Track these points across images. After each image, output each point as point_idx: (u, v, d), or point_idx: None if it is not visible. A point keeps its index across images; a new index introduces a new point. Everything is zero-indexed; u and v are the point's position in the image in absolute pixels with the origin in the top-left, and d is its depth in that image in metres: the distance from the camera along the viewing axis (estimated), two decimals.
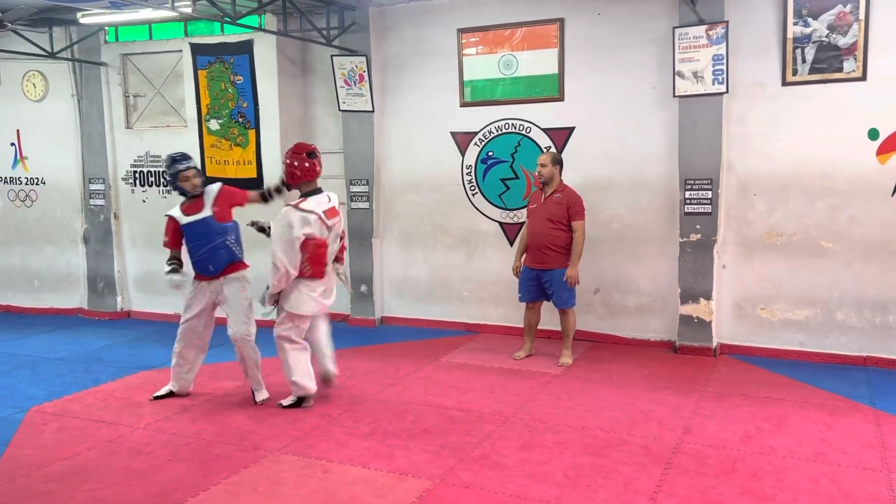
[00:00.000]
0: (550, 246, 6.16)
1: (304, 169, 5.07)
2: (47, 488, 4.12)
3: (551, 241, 6.16)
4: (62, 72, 8.63)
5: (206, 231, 5.30)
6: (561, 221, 6.15)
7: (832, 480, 4.01)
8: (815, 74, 6.07)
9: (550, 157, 6.26)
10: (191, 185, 5.29)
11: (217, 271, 5.35)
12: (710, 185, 6.42)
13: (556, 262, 6.17)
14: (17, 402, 5.65)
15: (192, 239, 5.33)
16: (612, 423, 4.91)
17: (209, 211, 5.32)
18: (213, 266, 5.34)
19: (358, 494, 3.96)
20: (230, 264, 5.38)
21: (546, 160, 6.21)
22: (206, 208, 5.32)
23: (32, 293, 9.22)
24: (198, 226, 5.30)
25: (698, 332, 6.54)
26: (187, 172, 5.28)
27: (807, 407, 5.17)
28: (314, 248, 5.06)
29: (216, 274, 5.36)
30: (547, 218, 6.16)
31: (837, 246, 6.19)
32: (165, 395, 5.61)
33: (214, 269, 5.34)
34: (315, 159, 5.12)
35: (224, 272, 5.37)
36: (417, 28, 7.50)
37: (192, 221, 5.31)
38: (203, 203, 5.34)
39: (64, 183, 8.89)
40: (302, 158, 5.05)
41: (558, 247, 6.17)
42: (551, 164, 6.20)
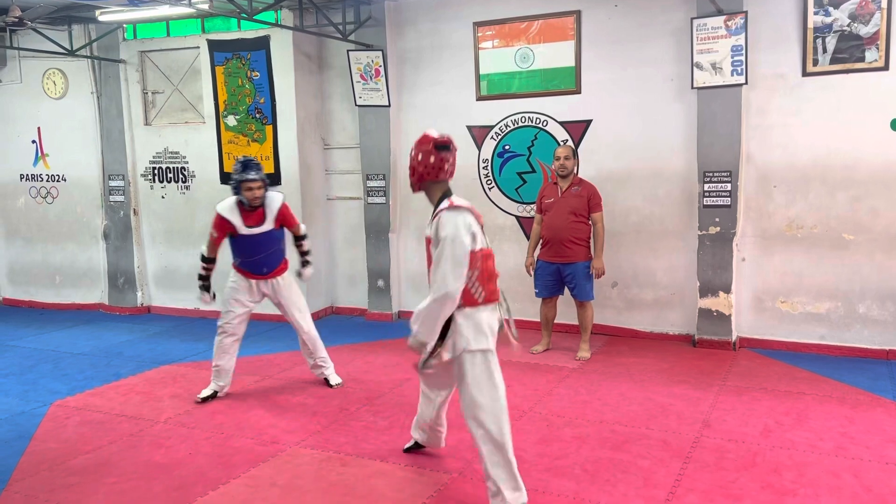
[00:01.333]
0: (573, 239, 6.14)
1: (429, 165, 3.71)
2: (71, 481, 4.18)
3: (574, 234, 6.14)
4: (81, 69, 8.71)
5: (268, 241, 5.41)
6: (583, 214, 6.15)
7: (854, 475, 3.97)
8: (837, 64, 5.99)
9: (571, 149, 6.26)
10: (251, 196, 5.23)
11: (270, 272, 5.49)
12: (729, 178, 6.36)
13: (578, 255, 6.16)
14: (40, 397, 5.73)
15: (251, 246, 5.39)
16: (630, 418, 4.89)
17: (271, 224, 5.39)
18: (267, 268, 5.47)
19: (377, 488, 3.98)
20: (281, 262, 5.56)
21: (568, 153, 6.20)
22: (269, 221, 5.38)
23: (54, 289, 9.34)
24: (260, 237, 5.37)
25: (717, 325, 6.49)
26: (252, 184, 5.20)
27: (828, 401, 5.12)
28: (483, 260, 3.70)
29: (268, 274, 5.48)
30: (570, 212, 6.14)
31: (859, 238, 6.12)
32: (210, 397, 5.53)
33: (268, 270, 5.48)
34: (447, 152, 3.73)
35: (277, 271, 5.52)
36: (433, 22, 7.49)
37: (254, 234, 5.34)
38: (264, 215, 5.37)
39: (84, 180, 8.98)
40: (428, 152, 3.71)
41: (581, 240, 6.16)
42: (573, 157, 6.22)
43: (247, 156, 5.60)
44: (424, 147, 3.72)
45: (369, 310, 8.08)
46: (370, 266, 8.00)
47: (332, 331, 7.66)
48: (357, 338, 7.29)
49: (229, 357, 5.54)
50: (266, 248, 5.42)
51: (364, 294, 8.15)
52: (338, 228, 8.40)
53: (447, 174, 3.76)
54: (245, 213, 5.33)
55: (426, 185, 3.77)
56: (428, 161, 3.71)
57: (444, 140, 3.74)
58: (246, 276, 5.48)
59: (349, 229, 8.29)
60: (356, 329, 7.71)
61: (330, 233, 8.41)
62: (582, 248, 6.18)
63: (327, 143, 8.29)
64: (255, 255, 5.41)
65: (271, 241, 5.42)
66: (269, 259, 5.47)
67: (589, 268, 6.20)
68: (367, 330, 7.59)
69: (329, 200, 8.36)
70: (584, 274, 6.18)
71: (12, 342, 7.59)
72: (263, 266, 5.46)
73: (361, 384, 5.78)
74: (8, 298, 9.68)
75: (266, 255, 5.43)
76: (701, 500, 3.73)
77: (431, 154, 3.71)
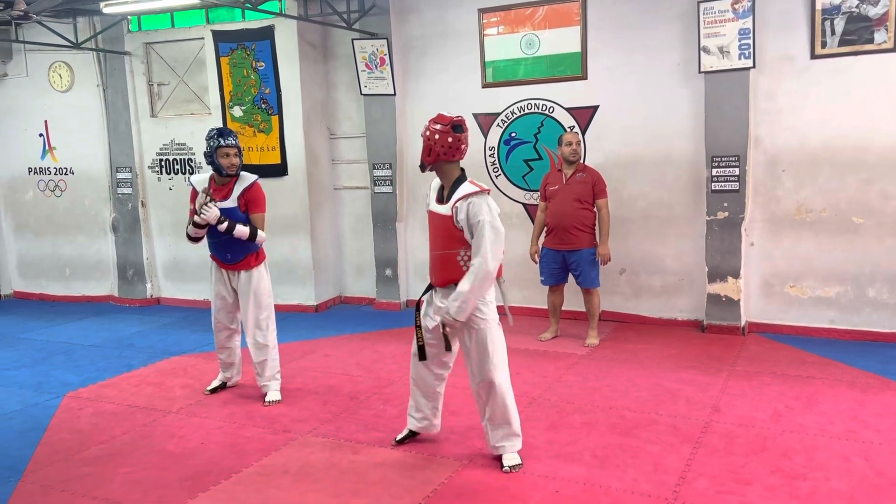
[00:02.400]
0: (577, 226, 6.13)
1: (446, 145, 3.87)
2: (85, 471, 4.22)
3: (579, 221, 6.13)
4: (87, 62, 8.72)
5: (231, 218, 5.02)
6: (588, 201, 6.14)
7: (865, 458, 3.97)
8: (845, 46, 5.94)
9: (577, 136, 6.24)
10: (228, 163, 4.94)
11: (234, 261, 5.13)
12: (737, 162, 6.33)
13: (583, 242, 6.15)
14: (54, 388, 5.78)
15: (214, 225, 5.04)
16: (639, 403, 4.90)
17: (235, 202, 5.03)
18: (231, 255, 5.12)
19: (388, 475, 4.00)
20: (249, 254, 5.13)
21: (575, 139, 6.18)
22: (234, 198, 5.03)
23: (64, 281, 9.40)
24: (222, 213, 5.00)
25: (726, 310, 6.48)
26: (228, 149, 4.93)
27: (838, 385, 5.11)
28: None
29: (233, 263, 5.14)
30: (574, 198, 6.13)
31: (869, 221, 6.09)
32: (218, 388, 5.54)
33: (232, 259, 5.12)
34: (463, 133, 3.93)
35: (242, 263, 5.13)
36: (438, 9, 7.46)
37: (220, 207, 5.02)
38: (232, 190, 5.05)
39: (92, 172, 9.01)
40: (445, 132, 3.88)
41: (585, 227, 6.15)
42: (579, 143, 6.20)
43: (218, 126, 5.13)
44: (442, 127, 3.87)
45: (377, 299, 8.10)
46: (378, 255, 8.01)
47: (340, 320, 7.70)
48: (366, 327, 7.31)
49: (228, 351, 5.45)
50: None
51: (372, 283, 8.17)
52: (345, 218, 8.41)
53: (462, 154, 3.93)
54: (215, 188, 5.07)
55: (440, 165, 3.93)
56: (445, 141, 3.86)
57: (459, 120, 3.90)
58: (216, 265, 5.23)
59: (356, 219, 8.30)
60: (364, 318, 7.74)
61: (337, 223, 8.43)
62: (586, 235, 6.17)
63: (333, 133, 8.28)
64: (219, 236, 5.03)
65: (234, 220, 4.99)
66: (233, 245, 5.05)
67: (593, 255, 6.19)
68: (375, 319, 7.61)
69: (336, 190, 8.37)
70: (589, 261, 6.18)
71: (24, 335, 7.65)
72: (227, 251, 5.09)
73: (371, 373, 5.81)
74: (19, 291, 9.74)
75: (228, 237, 5.01)
76: (711, 485, 3.74)
77: (449, 134, 3.86)
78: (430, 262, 4.11)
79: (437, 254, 4.03)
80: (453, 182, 3.94)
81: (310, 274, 8.11)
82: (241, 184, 5.08)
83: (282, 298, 8.12)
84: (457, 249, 3.90)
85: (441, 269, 4.00)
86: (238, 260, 5.12)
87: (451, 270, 3.93)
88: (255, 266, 5.16)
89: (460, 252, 3.90)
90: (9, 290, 9.77)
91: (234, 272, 5.19)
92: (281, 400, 5.24)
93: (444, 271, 3.98)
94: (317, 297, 8.15)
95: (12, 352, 6.98)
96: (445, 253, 3.95)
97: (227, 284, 5.25)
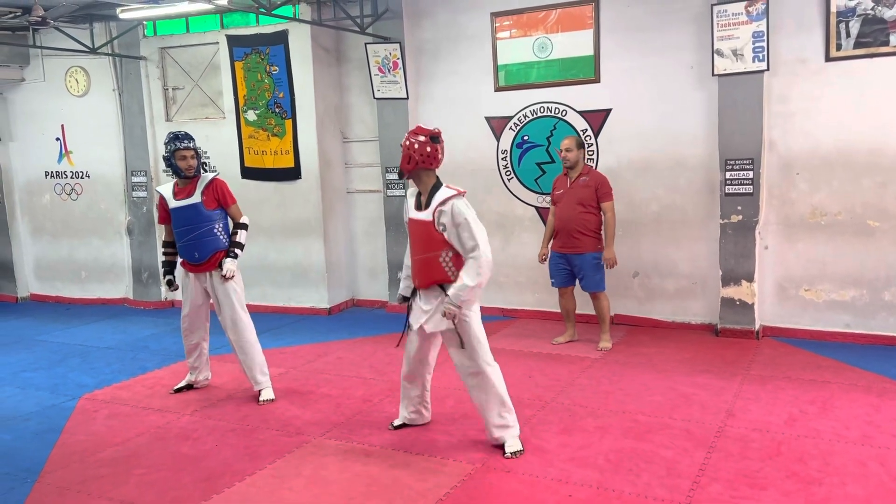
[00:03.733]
0: (580, 230, 6.13)
1: (425, 154, 4.19)
2: (101, 473, 4.26)
3: (582, 224, 6.12)
4: (103, 67, 8.80)
5: (195, 217, 5.22)
6: (591, 204, 6.11)
7: (881, 464, 3.94)
8: (860, 49, 5.90)
9: (574, 140, 6.20)
10: (186, 165, 5.16)
11: (202, 259, 5.24)
12: (751, 165, 6.30)
13: (587, 245, 6.14)
14: (69, 390, 5.83)
15: (179, 223, 5.25)
16: (653, 408, 4.88)
17: (199, 197, 5.21)
18: (199, 253, 5.23)
19: (400, 479, 4.01)
20: (216, 252, 5.25)
21: (571, 144, 6.15)
22: (197, 194, 5.22)
23: (80, 284, 9.48)
24: (186, 211, 5.22)
25: (740, 314, 6.45)
26: (185, 152, 5.15)
27: (853, 390, 5.07)
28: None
29: (201, 262, 5.24)
30: (577, 202, 6.12)
31: (885, 224, 6.04)
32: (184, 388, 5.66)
33: (200, 257, 5.23)
34: (439, 143, 4.27)
35: (210, 262, 5.25)
36: (450, 13, 7.48)
37: (181, 206, 5.23)
38: (195, 188, 5.24)
39: (107, 176, 9.10)
40: (423, 142, 4.21)
41: (589, 230, 6.14)
42: (576, 148, 6.15)
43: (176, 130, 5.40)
44: (421, 138, 4.21)
45: (390, 302, 8.11)
46: (390, 258, 8.03)
47: (353, 323, 7.72)
48: (378, 330, 7.33)
49: (195, 357, 5.60)
50: (194, 225, 5.20)
51: (384, 286, 8.19)
52: (357, 221, 8.43)
53: (439, 163, 4.26)
54: (177, 189, 5.28)
55: (418, 172, 4.26)
56: (424, 150, 4.19)
57: (436, 132, 4.26)
58: (185, 269, 5.36)
59: (369, 222, 8.32)
60: (377, 321, 7.76)
61: (350, 226, 8.46)
62: (590, 239, 6.15)
63: (346, 137, 8.32)
64: (186, 236, 5.21)
65: (199, 216, 5.18)
66: (200, 243, 5.19)
67: (597, 258, 6.16)
68: (387, 322, 7.63)
69: (349, 193, 8.40)
70: (593, 265, 6.16)
71: (41, 337, 7.73)
72: (194, 250, 5.21)
73: (383, 376, 5.82)
74: (35, 294, 9.84)
75: (195, 234, 5.18)
76: (725, 489, 3.72)
77: (427, 144, 4.21)
78: (413, 266, 4.37)
79: (419, 258, 4.27)
80: (431, 188, 4.23)
81: (322, 277, 8.14)
82: (202, 182, 5.29)
83: (295, 301, 8.17)
84: (438, 251, 4.16)
85: (424, 272, 4.24)
86: (206, 258, 5.25)
87: (434, 272, 4.20)
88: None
89: (441, 254, 4.16)
90: (25, 293, 9.87)
91: (204, 274, 5.32)
92: (275, 399, 5.32)
93: (427, 273, 4.23)
94: (330, 300, 8.18)
95: (29, 354, 7.05)
96: (427, 256, 4.20)
97: (198, 287, 5.38)
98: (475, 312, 4.24)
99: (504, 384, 4.28)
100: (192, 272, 5.35)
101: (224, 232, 5.32)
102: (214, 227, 5.27)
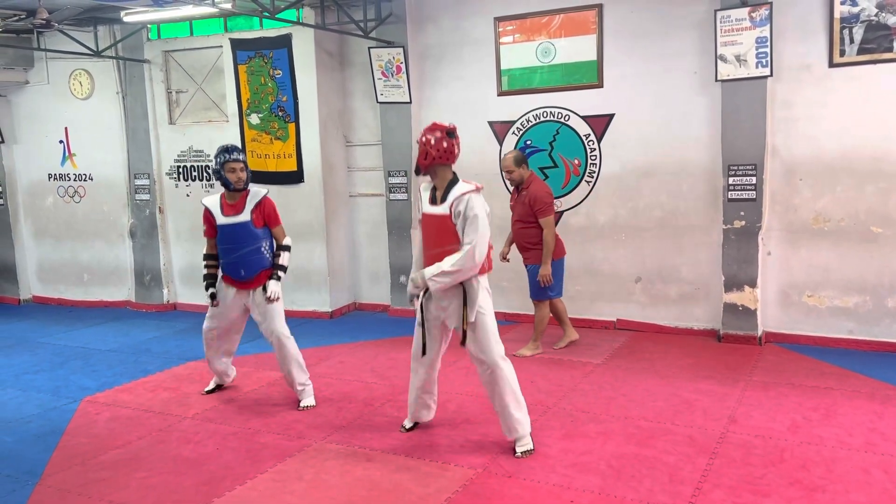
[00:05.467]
0: (524, 243, 6.20)
1: (442, 149, 4.23)
2: (102, 476, 4.25)
3: (524, 238, 6.18)
4: (107, 70, 8.82)
5: (244, 235, 5.12)
6: (529, 219, 6.08)
7: (884, 471, 3.92)
8: (864, 55, 5.90)
9: (513, 159, 6.06)
10: (235, 178, 5.06)
11: (248, 277, 5.15)
12: (754, 171, 6.30)
13: (533, 258, 6.16)
14: (71, 393, 5.83)
15: (227, 241, 5.16)
16: (655, 413, 4.87)
17: (248, 216, 5.11)
18: (245, 271, 5.14)
19: (401, 483, 4.00)
20: (262, 271, 5.17)
21: (510, 165, 6.05)
22: (246, 212, 5.11)
23: (82, 287, 9.49)
24: (235, 228, 5.12)
25: (743, 320, 6.44)
26: (234, 164, 5.05)
27: (856, 396, 5.06)
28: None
29: (247, 280, 5.16)
30: (518, 217, 6.18)
31: (888, 231, 6.03)
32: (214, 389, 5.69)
33: (246, 275, 5.15)
34: (455, 138, 4.30)
35: (256, 280, 5.17)
36: (454, 18, 7.49)
37: (230, 224, 5.13)
38: (244, 205, 5.13)
39: (110, 179, 9.11)
40: (440, 138, 4.24)
41: (531, 243, 6.15)
42: (517, 167, 6.05)
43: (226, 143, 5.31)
44: (438, 133, 4.25)
45: (392, 306, 8.11)
46: (392, 262, 8.02)
47: (355, 327, 7.71)
48: (380, 334, 7.33)
49: (224, 365, 5.62)
50: (242, 242, 5.11)
51: (387, 290, 8.18)
52: (360, 225, 8.43)
53: (455, 158, 4.31)
54: (225, 204, 5.17)
55: (434, 168, 4.29)
56: (441, 146, 4.23)
57: (452, 127, 4.30)
58: (227, 283, 5.25)
59: (372, 226, 8.32)
60: (379, 325, 7.75)
61: (352, 229, 8.46)
62: (534, 252, 6.14)
63: (349, 141, 8.32)
64: (232, 253, 5.13)
65: (248, 234, 5.10)
66: (247, 259, 5.11)
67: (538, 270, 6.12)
68: (389, 326, 7.62)
69: (351, 197, 8.40)
70: (534, 276, 6.15)
71: (43, 339, 7.73)
72: (241, 267, 5.12)
73: (385, 380, 5.81)
74: (38, 296, 9.85)
75: (242, 252, 5.10)
76: (728, 496, 3.71)
77: (444, 139, 4.24)
78: (426, 262, 4.35)
79: (434, 252, 4.28)
80: (448, 184, 4.27)
81: (325, 280, 8.14)
82: (252, 199, 5.18)
83: (297, 305, 8.16)
84: (455, 245, 4.18)
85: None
86: (252, 276, 5.16)
87: None
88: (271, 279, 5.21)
89: (457, 248, 4.18)
90: (28, 295, 9.88)
91: (247, 291, 5.22)
92: (315, 405, 5.27)
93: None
94: (332, 304, 8.18)
95: (31, 356, 7.06)
96: (444, 250, 4.21)
97: (238, 302, 5.28)
98: (489, 307, 4.28)
99: (517, 381, 4.32)
100: (233, 286, 5.25)
101: (269, 251, 5.22)
102: (262, 246, 5.16)
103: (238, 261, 5.14)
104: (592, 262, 7.15)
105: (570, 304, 7.20)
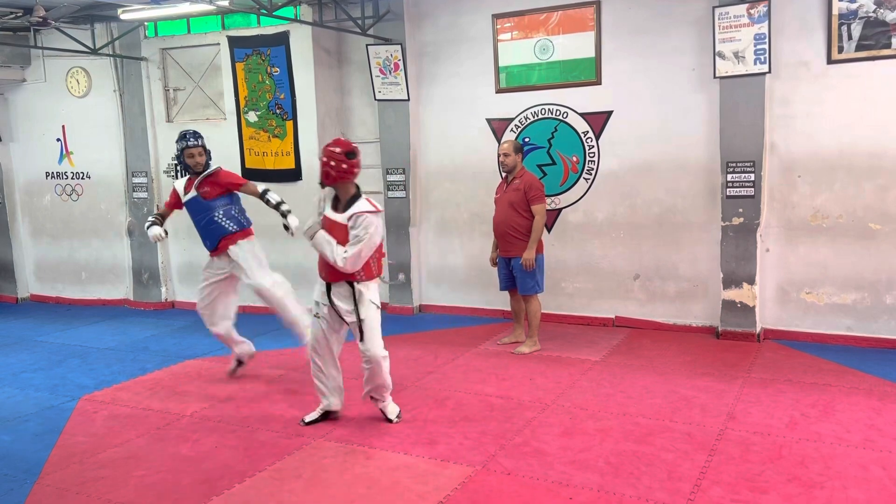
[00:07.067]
0: (512, 233, 6.15)
1: (341, 170, 4.52)
2: (100, 474, 4.24)
3: (513, 227, 6.14)
4: (104, 68, 8.80)
5: (198, 210, 5.58)
6: (522, 207, 6.09)
7: (882, 467, 3.92)
8: (862, 52, 5.90)
9: (512, 145, 6.18)
10: (194, 163, 5.50)
11: (213, 247, 5.61)
12: (752, 168, 6.29)
13: (519, 249, 6.14)
14: (69, 391, 5.82)
15: (191, 216, 5.66)
16: (654, 410, 4.87)
17: (195, 192, 5.56)
18: (209, 242, 5.62)
19: (400, 481, 4.00)
20: (223, 238, 5.56)
21: (508, 149, 6.14)
22: (193, 189, 5.57)
23: (80, 285, 9.48)
24: (190, 204, 5.61)
25: (741, 317, 6.44)
26: (193, 150, 5.48)
27: (855, 393, 5.06)
28: (380, 249, 4.77)
29: (213, 249, 5.61)
30: (508, 205, 6.15)
31: (886, 227, 6.03)
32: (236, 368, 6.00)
33: (210, 245, 5.62)
34: (355, 159, 4.58)
35: (220, 247, 5.58)
36: (452, 15, 7.47)
37: (188, 200, 5.62)
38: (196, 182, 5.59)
39: (108, 177, 9.09)
40: (340, 159, 4.51)
41: (519, 233, 6.13)
42: (514, 153, 6.13)
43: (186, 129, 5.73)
44: (337, 151, 4.52)
45: (390, 303, 8.10)
46: (391, 259, 8.01)
47: None
48: None
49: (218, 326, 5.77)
50: (198, 217, 5.60)
51: (385, 288, 8.17)
52: None
53: (355, 176, 4.61)
54: (189, 183, 5.62)
55: (336, 184, 4.60)
56: (341, 168, 4.52)
57: (352, 148, 4.58)
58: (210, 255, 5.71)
59: None
60: None
61: None
62: (522, 242, 6.12)
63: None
64: (196, 227, 5.64)
65: (199, 207, 5.57)
66: (206, 230, 5.58)
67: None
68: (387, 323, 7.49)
69: None
70: (524, 268, 6.13)
71: (40, 338, 7.72)
72: (205, 238, 5.62)
73: None
74: (35, 294, 9.83)
75: (201, 225, 5.60)
76: (726, 493, 3.71)
77: (343, 161, 4.52)
78: (320, 261, 4.65)
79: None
80: (350, 197, 4.60)
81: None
82: (200, 176, 5.59)
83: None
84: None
85: (333, 268, 4.54)
86: (215, 245, 5.59)
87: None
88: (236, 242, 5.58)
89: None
90: (26, 294, 9.87)
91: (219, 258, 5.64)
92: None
93: (336, 269, 4.53)
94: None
95: (29, 354, 7.04)
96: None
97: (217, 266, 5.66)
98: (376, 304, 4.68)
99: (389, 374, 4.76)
100: (212, 256, 5.70)
101: (225, 217, 5.58)
102: (215, 216, 5.56)
103: (201, 232, 5.64)
104: (591, 259, 7.15)
105: (568, 301, 7.23)
